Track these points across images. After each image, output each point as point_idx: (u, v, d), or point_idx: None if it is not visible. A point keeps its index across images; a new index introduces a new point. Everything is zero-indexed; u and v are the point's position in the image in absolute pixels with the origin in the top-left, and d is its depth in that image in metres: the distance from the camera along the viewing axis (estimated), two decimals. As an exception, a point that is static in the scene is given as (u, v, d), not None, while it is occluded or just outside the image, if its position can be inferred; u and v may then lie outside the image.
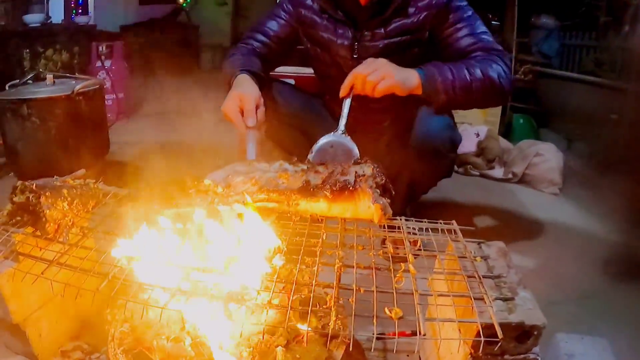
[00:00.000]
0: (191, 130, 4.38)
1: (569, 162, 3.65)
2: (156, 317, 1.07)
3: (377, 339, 1.44)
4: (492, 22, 5.09)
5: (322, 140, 1.89)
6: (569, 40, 4.96)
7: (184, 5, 7.51)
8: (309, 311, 0.98)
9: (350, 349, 1.01)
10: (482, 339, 0.98)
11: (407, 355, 1.55)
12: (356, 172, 1.31)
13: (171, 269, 1.11)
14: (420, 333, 0.96)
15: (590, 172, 3.78)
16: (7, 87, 2.77)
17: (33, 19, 4.32)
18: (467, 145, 3.71)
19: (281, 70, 3.02)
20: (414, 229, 1.41)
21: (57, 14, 4.91)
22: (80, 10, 5.21)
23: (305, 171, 1.35)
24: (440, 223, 1.44)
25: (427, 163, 2.06)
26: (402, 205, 2.07)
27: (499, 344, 0.98)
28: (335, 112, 2.31)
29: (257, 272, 1.10)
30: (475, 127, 3.94)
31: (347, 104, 1.91)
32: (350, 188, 1.26)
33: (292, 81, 2.80)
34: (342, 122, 1.91)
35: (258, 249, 1.16)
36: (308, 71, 2.56)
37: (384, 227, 1.39)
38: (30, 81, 2.89)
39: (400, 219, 1.42)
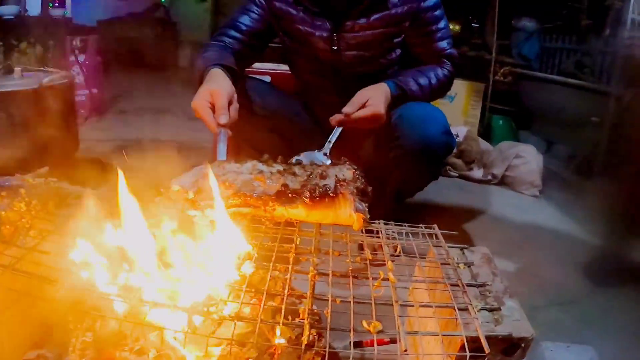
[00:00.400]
0: (167, 128, 4.31)
1: (548, 164, 3.64)
2: (118, 327, 1.00)
3: (354, 347, 1.38)
4: (473, 24, 5.07)
5: (302, 156, 1.82)
6: (549, 43, 4.96)
7: (163, 0, 7.42)
8: (281, 323, 0.90)
9: (326, 362, 0.94)
10: (468, 353, 0.91)
11: (386, 365, 1.49)
12: (336, 175, 1.24)
13: (133, 277, 1.03)
14: (401, 348, 0.89)
15: (570, 175, 3.78)
16: (-28, 80, 2.67)
17: (7, 10, 4.20)
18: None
19: (257, 66, 2.93)
20: (393, 233, 1.34)
21: (34, 7, 4.79)
22: (57, 3, 5.07)
23: (282, 173, 1.28)
24: (421, 227, 1.38)
25: (420, 168, 2.03)
26: (386, 209, 2.01)
27: (486, 358, 0.92)
28: (314, 110, 2.27)
29: (225, 281, 1.03)
30: (454, 127, 3.89)
31: (336, 132, 1.85)
32: (331, 194, 1.20)
33: (268, 78, 2.72)
34: (328, 145, 1.84)
35: (226, 255, 1.08)
36: (285, 68, 2.48)
37: (362, 232, 1.31)
38: (-2, 74, 2.78)
39: (379, 223, 1.35)
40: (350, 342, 0.89)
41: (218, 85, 1.71)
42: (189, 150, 3.57)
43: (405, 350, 0.89)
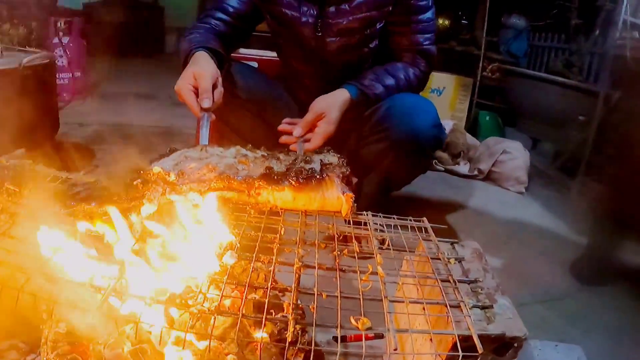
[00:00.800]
0: (150, 113, 4.25)
1: (533, 161, 3.63)
2: (91, 319, 0.94)
3: (337, 341, 1.33)
4: (462, 19, 5.06)
5: None
6: (538, 42, 4.95)
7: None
8: (264, 318, 0.85)
9: (311, 358, 0.89)
10: (460, 353, 0.86)
11: (371, 361, 1.44)
12: (321, 160, 1.20)
13: (107, 265, 0.97)
14: (390, 347, 0.84)
15: (556, 173, 3.77)
16: (-50, 61, 2.58)
17: (-11, -9, 4.11)
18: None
19: (245, 52, 2.88)
20: (381, 225, 1.29)
21: (20, -11, 4.68)
22: (42, -14, 4.97)
23: (266, 157, 1.23)
24: (410, 220, 1.33)
25: (408, 160, 1.98)
26: (372, 202, 1.97)
27: (478, 358, 0.87)
28: (297, 95, 2.24)
29: (205, 272, 0.97)
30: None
31: (300, 147, 1.78)
32: (317, 177, 1.15)
33: (255, 64, 2.67)
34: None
35: (207, 244, 1.02)
36: (272, 55, 2.43)
37: (349, 223, 1.27)
38: (-23, 54, 2.69)
39: (367, 214, 1.30)
40: (338, 339, 0.84)
41: (202, 69, 1.66)
42: (171, 135, 3.52)
43: (395, 349, 0.84)
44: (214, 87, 1.62)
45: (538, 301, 2.05)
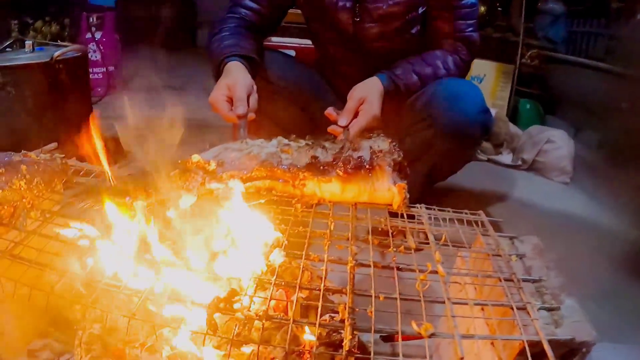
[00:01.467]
0: (185, 106, 4.21)
1: (577, 150, 3.50)
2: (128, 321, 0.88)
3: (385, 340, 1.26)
4: (497, 6, 4.93)
5: None
6: (577, 27, 4.79)
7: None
8: (317, 325, 0.77)
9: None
10: (530, 360, 0.77)
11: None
12: (371, 147, 1.12)
13: (144, 265, 0.91)
14: (457, 355, 0.76)
15: (600, 162, 3.64)
16: (-17, 55, 2.56)
17: (22, -13, 4.12)
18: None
19: (282, 41, 2.82)
20: (435, 219, 1.20)
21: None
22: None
23: (310, 146, 1.16)
24: (466, 213, 1.24)
25: (455, 149, 1.91)
26: (419, 193, 1.89)
27: (546, 365, 0.78)
28: (333, 82, 2.20)
29: (250, 272, 0.90)
30: (483, 109, 3.78)
31: (346, 136, 1.72)
32: (367, 166, 1.07)
33: (292, 52, 2.61)
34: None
35: (253, 241, 0.95)
36: (310, 42, 2.37)
37: (402, 216, 1.18)
38: (9, 49, 2.67)
39: (421, 207, 1.22)
40: (399, 343, 0.76)
41: (235, 80, 1.65)
42: (206, 128, 3.48)
43: (462, 358, 0.75)
44: (249, 95, 1.61)
45: (587, 298, 1.94)
